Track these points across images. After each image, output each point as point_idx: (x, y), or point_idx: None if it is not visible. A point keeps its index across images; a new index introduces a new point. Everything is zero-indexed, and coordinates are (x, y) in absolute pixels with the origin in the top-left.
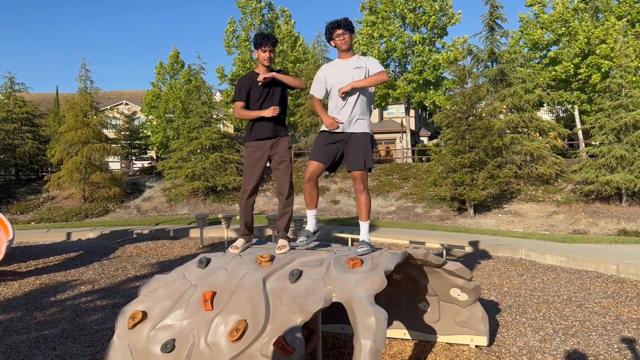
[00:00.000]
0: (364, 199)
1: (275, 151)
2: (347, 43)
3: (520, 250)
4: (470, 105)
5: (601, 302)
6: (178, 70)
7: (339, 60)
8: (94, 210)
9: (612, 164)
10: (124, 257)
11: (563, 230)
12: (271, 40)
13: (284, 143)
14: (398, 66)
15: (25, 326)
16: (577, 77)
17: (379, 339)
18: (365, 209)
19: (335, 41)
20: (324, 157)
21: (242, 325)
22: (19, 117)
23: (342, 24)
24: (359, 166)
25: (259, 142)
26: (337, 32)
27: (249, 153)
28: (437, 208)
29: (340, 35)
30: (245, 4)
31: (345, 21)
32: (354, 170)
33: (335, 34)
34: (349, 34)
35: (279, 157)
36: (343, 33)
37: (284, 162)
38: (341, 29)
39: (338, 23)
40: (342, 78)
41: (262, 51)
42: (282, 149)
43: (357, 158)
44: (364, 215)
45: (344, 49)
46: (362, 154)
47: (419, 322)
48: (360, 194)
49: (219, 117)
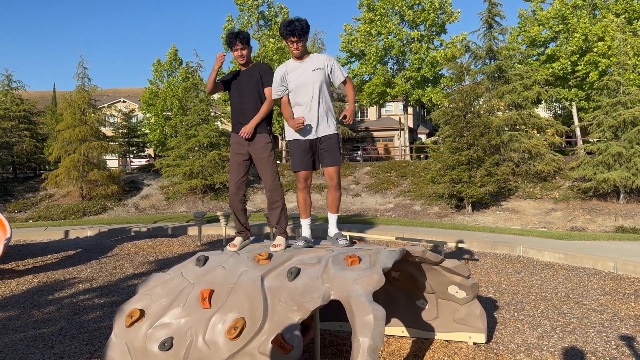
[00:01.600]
0: (339, 194)
1: (252, 148)
2: (301, 50)
3: (518, 248)
4: (468, 102)
5: (599, 299)
6: (176, 68)
7: (294, 61)
8: (91, 208)
9: (610, 161)
10: (122, 255)
11: (561, 227)
12: (240, 38)
13: (260, 140)
14: (396, 64)
15: (23, 324)
16: (575, 74)
17: (377, 336)
18: (338, 203)
19: (289, 46)
20: (306, 164)
21: (240, 323)
22: (16, 115)
23: (297, 32)
24: (334, 163)
25: (239, 140)
26: (292, 39)
27: (231, 151)
28: (435, 205)
29: (294, 43)
30: (242, 1)
31: (301, 28)
32: (330, 167)
33: (290, 40)
34: (304, 41)
35: (256, 154)
36: (297, 41)
37: (262, 158)
38: (295, 36)
39: (292, 30)
40: (301, 81)
41: (234, 50)
42: (259, 146)
43: (331, 156)
44: (336, 208)
45: (297, 55)
46: (336, 150)
47: (417, 319)
48: (336, 189)
49: (216, 115)
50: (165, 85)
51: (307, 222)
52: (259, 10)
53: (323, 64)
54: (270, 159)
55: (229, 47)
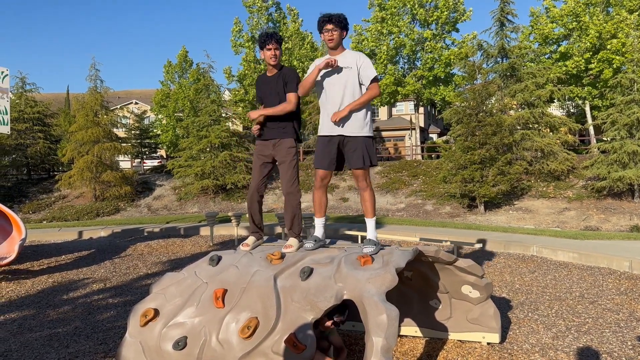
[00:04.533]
0: (368, 195)
1: (276, 151)
2: (335, 41)
3: (531, 247)
4: (480, 101)
5: (614, 299)
6: (187, 69)
7: (329, 56)
8: (105, 209)
9: (624, 160)
10: (135, 255)
11: (575, 226)
12: (274, 38)
13: (284, 144)
14: (407, 63)
15: (38, 324)
16: (588, 73)
17: (391, 336)
18: (370, 205)
19: (324, 35)
20: (327, 162)
21: (254, 322)
22: (30, 117)
23: (334, 19)
24: (359, 164)
25: (264, 142)
26: (327, 27)
27: (255, 152)
28: (447, 205)
29: (330, 31)
30: (251, 3)
31: (338, 17)
32: (356, 169)
33: (325, 28)
34: (339, 31)
35: (279, 157)
36: (333, 29)
37: (284, 162)
38: (331, 24)
39: (329, 17)
40: (332, 76)
41: (266, 50)
42: (283, 150)
43: (358, 156)
44: (370, 211)
45: (331, 46)
46: (362, 151)
47: (430, 319)
48: (364, 191)
49: (228, 116)
50: (176, 86)
51: (321, 221)
52: (267, 12)
53: (355, 63)
54: (292, 163)
55: (260, 47)
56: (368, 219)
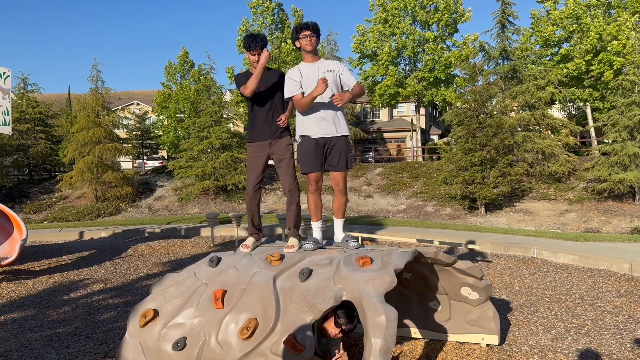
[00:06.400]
0: (345, 198)
1: (273, 150)
2: (313, 45)
3: (532, 249)
4: (481, 102)
5: (614, 301)
6: (188, 70)
7: (305, 64)
8: (106, 210)
9: (625, 162)
10: (136, 256)
11: (575, 228)
12: (259, 44)
13: (282, 142)
14: (408, 64)
15: (39, 324)
16: (589, 74)
17: (389, 337)
18: (345, 208)
19: (301, 41)
20: (317, 165)
21: (253, 323)
22: (32, 118)
23: (311, 26)
24: (343, 168)
25: (259, 143)
26: (305, 33)
27: (249, 152)
28: (448, 206)
29: (308, 37)
30: (256, 4)
31: (315, 25)
32: (339, 172)
33: (303, 34)
34: (316, 38)
35: (278, 155)
36: (310, 35)
37: (284, 159)
38: (309, 30)
39: (307, 24)
40: (312, 82)
41: (251, 54)
42: (281, 147)
43: (340, 160)
44: (343, 213)
45: (309, 49)
46: (344, 155)
47: (429, 320)
48: (343, 194)
49: (229, 117)
50: (177, 87)
51: (319, 225)
52: (272, 13)
53: (333, 67)
54: (291, 161)
55: (245, 48)
56: (340, 219)
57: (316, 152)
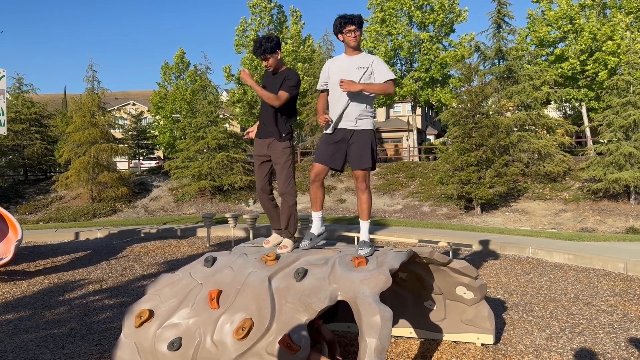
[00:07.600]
0: (365, 197)
1: (270, 152)
2: (357, 40)
3: (527, 249)
4: (476, 103)
5: (609, 300)
6: (184, 70)
7: (345, 56)
8: (101, 210)
9: (621, 162)
10: (132, 256)
11: (571, 228)
12: (259, 54)
13: (277, 145)
14: (405, 64)
15: (34, 325)
16: (584, 74)
17: (385, 337)
18: (366, 207)
19: (345, 36)
20: (326, 159)
21: (248, 323)
22: (27, 118)
23: (356, 20)
24: (360, 166)
25: (260, 140)
26: (349, 28)
27: (254, 152)
28: (444, 206)
29: (352, 32)
30: (255, 4)
31: (359, 18)
32: (356, 170)
33: (347, 29)
34: (360, 31)
35: (273, 158)
36: (355, 30)
37: (278, 163)
38: (354, 25)
39: (352, 19)
40: (343, 75)
41: (262, 60)
42: (276, 151)
43: (358, 157)
44: (366, 214)
45: (353, 45)
46: (364, 152)
47: (424, 320)
48: (362, 192)
49: (225, 117)
50: (173, 87)
51: (318, 215)
52: (269, 14)
53: (368, 63)
54: (286, 164)
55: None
56: (363, 221)
57: (329, 146)
